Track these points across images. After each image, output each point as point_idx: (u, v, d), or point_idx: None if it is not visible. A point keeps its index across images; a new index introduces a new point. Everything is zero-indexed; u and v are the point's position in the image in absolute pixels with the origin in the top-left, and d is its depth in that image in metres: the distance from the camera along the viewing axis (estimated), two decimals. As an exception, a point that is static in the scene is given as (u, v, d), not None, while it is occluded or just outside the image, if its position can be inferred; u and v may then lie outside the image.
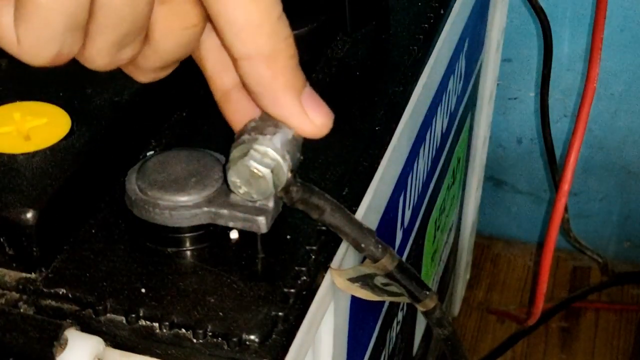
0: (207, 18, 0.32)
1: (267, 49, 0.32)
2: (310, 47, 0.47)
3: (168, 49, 0.33)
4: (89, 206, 0.37)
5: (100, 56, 0.33)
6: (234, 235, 0.36)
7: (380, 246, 0.35)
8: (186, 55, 0.34)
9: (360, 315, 0.46)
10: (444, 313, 0.38)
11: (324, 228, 0.36)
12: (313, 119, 0.33)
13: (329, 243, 0.37)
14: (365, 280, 0.37)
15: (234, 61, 0.32)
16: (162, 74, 0.35)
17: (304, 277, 0.35)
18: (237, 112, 0.35)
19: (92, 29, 0.31)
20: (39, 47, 0.31)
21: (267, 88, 0.32)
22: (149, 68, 0.34)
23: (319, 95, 0.33)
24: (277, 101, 0.33)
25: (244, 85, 0.33)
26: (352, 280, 0.37)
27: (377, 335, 0.52)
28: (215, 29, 0.32)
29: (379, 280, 0.37)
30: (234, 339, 0.32)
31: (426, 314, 0.38)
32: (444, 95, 0.61)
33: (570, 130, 0.81)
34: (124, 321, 0.33)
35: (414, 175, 0.55)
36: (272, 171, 0.33)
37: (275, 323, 0.33)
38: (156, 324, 0.33)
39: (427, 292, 0.37)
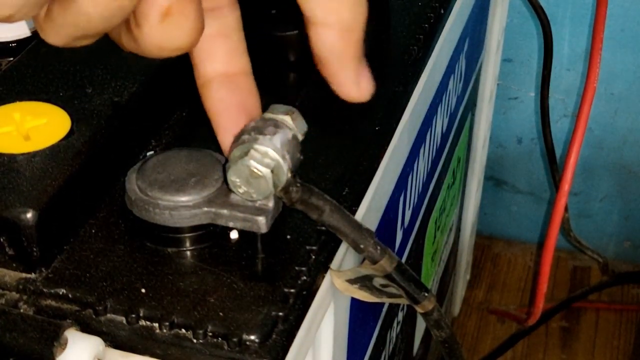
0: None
1: (347, 21, 0.32)
2: (310, 47, 0.47)
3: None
4: (89, 206, 0.37)
5: (54, 36, 0.33)
6: (234, 235, 0.36)
7: (379, 247, 0.35)
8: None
9: (360, 316, 0.46)
10: (442, 315, 0.38)
11: (324, 228, 0.36)
12: (363, 87, 0.34)
13: (329, 243, 0.37)
14: (363, 282, 0.37)
15: (309, 25, 0.33)
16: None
17: (304, 277, 0.35)
18: (216, 101, 0.35)
19: None
20: None
21: (337, 56, 0.33)
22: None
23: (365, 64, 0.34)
24: (340, 69, 0.33)
25: (312, 49, 0.34)
26: (351, 281, 0.37)
27: (377, 336, 0.52)
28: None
29: (378, 281, 0.37)
30: (234, 339, 0.32)
31: (424, 315, 0.38)
32: (444, 95, 0.61)
33: (571, 130, 0.81)
34: (124, 321, 0.33)
35: (414, 175, 0.55)
36: (272, 171, 0.33)
37: (275, 323, 0.33)
38: (156, 324, 0.33)
39: (426, 294, 0.37)
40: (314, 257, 0.36)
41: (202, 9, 0.32)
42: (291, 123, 0.34)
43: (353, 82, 0.34)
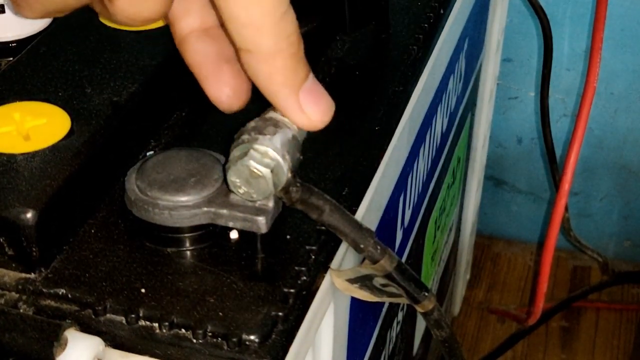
0: None
1: (266, 48, 0.32)
2: (309, 47, 0.47)
3: None
4: (89, 206, 0.37)
5: (28, 11, 0.33)
6: (234, 235, 0.36)
7: (379, 247, 0.35)
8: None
9: (360, 315, 0.46)
10: (442, 314, 0.38)
11: (324, 228, 0.36)
12: (310, 114, 0.33)
13: (329, 243, 0.37)
14: (364, 281, 0.37)
15: (236, 49, 0.33)
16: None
17: (304, 277, 0.35)
18: (194, 53, 0.35)
19: None
20: None
21: (264, 83, 0.33)
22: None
23: (321, 87, 0.34)
24: (273, 95, 0.33)
25: (245, 72, 0.34)
26: (351, 281, 0.37)
27: (377, 335, 0.52)
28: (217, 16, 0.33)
29: (378, 281, 0.37)
30: (234, 339, 0.32)
31: (424, 315, 0.38)
32: (444, 95, 0.61)
33: (571, 129, 0.81)
34: (124, 321, 0.33)
35: (414, 175, 0.55)
36: (271, 171, 0.33)
37: (275, 323, 0.33)
38: (156, 324, 0.33)
39: (426, 294, 0.37)
40: (314, 257, 0.36)
41: None
42: (289, 122, 0.34)
43: (295, 111, 0.33)
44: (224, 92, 0.35)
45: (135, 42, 0.42)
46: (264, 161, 0.33)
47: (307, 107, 0.33)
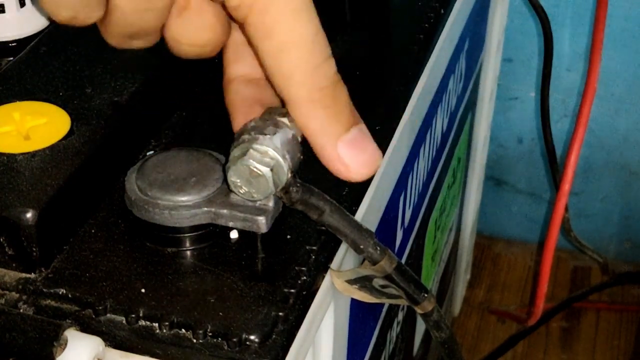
0: (217, 42, 0.33)
1: (299, 98, 0.32)
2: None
3: (181, 54, 0.34)
4: (89, 206, 0.37)
5: (113, 40, 0.35)
6: (234, 235, 0.36)
7: (379, 248, 0.35)
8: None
9: (361, 316, 0.46)
10: (441, 316, 0.38)
11: (324, 228, 0.36)
12: (349, 165, 0.33)
13: (329, 243, 0.37)
14: (363, 282, 0.37)
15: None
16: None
17: (304, 277, 0.35)
18: (234, 94, 0.36)
19: None
20: None
21: (304, 129, 0.33)
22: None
23: (369, 139, 0.34)
24: (313, 143, 0.34)
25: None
26: (351, 282, 0.37)
27: (377, 336, 0.52)
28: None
29: (377, 282, 0.37)
30: (234, 339, 0.32)
31: (424, 316, 0.38)
32: (444, 95, 0.61)
33: (571, 130, 0.81)
34: (124, 321, 0.33)
35: (414, 175, 0.55)
36: (272, 170, 0.33)
37: (275, 323, 0.33)
38: (156, 324, 0.33)
39: (425, 295, 0.37)
40: (314, 257, 0.36)
41: (222, 13, 0.33)
42: (289, 122, 0.34)
43: (332, 159, 0.34)
44: None
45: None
46: (264, 161, 0.33)
47: (347, 158, 0.33)
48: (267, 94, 0.36)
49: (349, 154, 0.33)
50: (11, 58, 0.43)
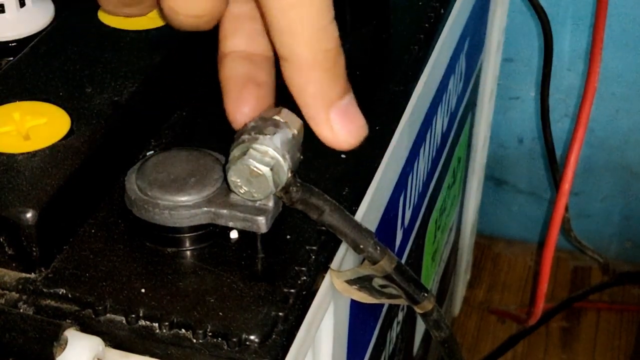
0: (215, 12, 0.33)
1: (302, 58, 0.32)
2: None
3: (176, 25, 0.34)
4: (89, 206, 0.37)
5: (105, 2, 0.35)
6: (234, 235, 0.36)
7: (378, 248, 0.35)
8: (201, 29, 0.35)
9: (360, 316, 0.46)
10: (441, 315, 0.38)
11: (324, 228, 0.36)
12: (337, 132, 0.33)
13: (329, 243, 0.37)
14: (363, 282, 0.37)
15: (277, 56, 0.33)
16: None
17: (304, 277, 0.35)
18: (227, 69, 0.36)
19: None
20: None
21: (297, 93, 0.33)
22: (172, 26, 0.35)
23: (357, 110, 0.34)
24: (305, 108, 0.33)
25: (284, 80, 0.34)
26: (350, 282, 0.37)
27: (377, 336, 0.52)
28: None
29: (377, 282, 0.37)
30: (234, 339, 0.32)
31: (424, 316, 0.38)
32: (444, 95, 0.61)
33: (571, 129, 0.81)
34: (124, 321, 0.33)
35: (414, 175, 0.55)
36: (272, 170, 0.33)
37: (275, 323, 0.33)
38: (156, 324, 0.33)
39: (425, 294, 0.37)
40: (314, 257, 0.36)
41: None
42: (284, 121, 0.34)
43: (323, 125, 0.33)
44: (242, 109, 0.36)
45: (135, 41, 0.42)
46: (264, 160, 0.33)
47: (336, 125, 0.33)
48: (261, 72, 0.36)
49: (340, 121, 0.33)
50: (11, 58, 0.43)
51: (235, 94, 0.36)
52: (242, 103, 0.36)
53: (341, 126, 0.33)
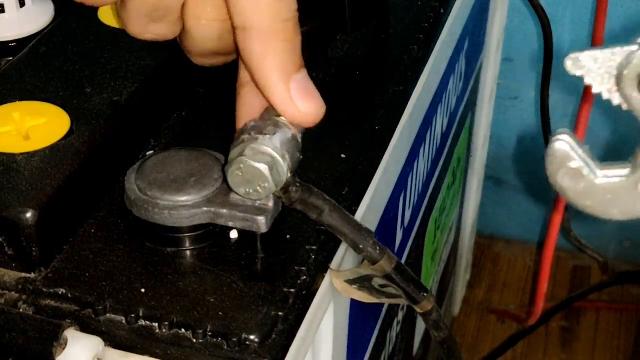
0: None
1: (262, 25, 0.32)
2: (310, 47, 0.47)
3: (200, 37, 0.34)
4: (89, 206, 0.37)
5: (131, 23, 0.36)
6: (234, 235, 0.36)
7: (378, 248, 0.35)
8: (224, 48, 0.35)
9: (360, 316, 0.46)
10: (441, 315, 0.38)
11: (324, 228, 0.36)
12: (299, 105, 0.33)
13: (329, 243, 0.37)
14: (362, 282, 0.37)
15: (233, 29, 0.33)
16: (210, 61, 0.37)
17: (304, 277, 0.35)
18: (243, 98, 0.36)
19: None
20: None
21: (257, 64, 0.33)
22: (193, 52, 0.37)
23: (314, 86, 0.34)
24: (264, 80, 0.33)
25: (240, 58, 0.34)
26: (350, 282, 0.37)
27: (377, 336, 0.52)
28: None
29: (377, 282, 0.37)
30: (234, 339, 0.32)
31: (423, 316, 0.38)
32: (444, 95, 0.61)
33: (571, 129, 0.81)
34: (124, 321, 0.33)
35: (414, 175, 0.55)
36: (271, 170, 0.33)
37: (275, 323, 0.33)
38: (156, 324, 0.33)
39: (425, 294, 0.37)
40: (314, 257, 0.36)
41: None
42: (284, 121, 0.34)
43: (284, 99, 0.33)
44: None
45: (135, 42, 0.42)
46: (263, 160, 0.33)
47: (297, 99, 0.33)
48: None
49: (299, 95, 0.33)
50: (11, 58, 0.43)
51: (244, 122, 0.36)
52: None
53: (302, 100, 0.33)
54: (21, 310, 0.34)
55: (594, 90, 0.26)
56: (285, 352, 0.33)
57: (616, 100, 0.26)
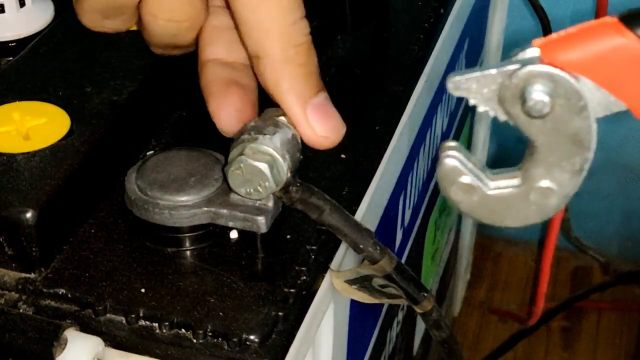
0: (196, 18, 0.33)
1: (274, 53, 0.32)
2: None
3: (156, 33, 0.34)
4: (89, 206, 0.37)
5: (85, 18, 0.37)
6: (234, 235, 0.36)
7: (378, 247, 0.35)
8: (181, 42, 0.35)
9: (360, 315, 0.46)
10: (441, 315, 0.38)
11: (324, 228, 0.36)
12: (316, 128, 0.33)
13: (329, 243, 0.37)
14: (362, 283, 0.37)
15: (249, 56, 0.33)
16: (171, 52, 0.38)
17: (304, 277, 0.35)
18: (208, 74, 0.36)
19: None
20: None
21: (272, 90, 0.33)
22: (151, 43, 0.37)
23: (333, 108, 0.34)
24: (281, 103, 0.33)
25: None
26: (350, 282, 0.37)
27: (377, 335, 0.52)
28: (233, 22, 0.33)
29: (377, 282, 0.37)
30: (234, 339, 0.32)
31: (423, 315, 0.38)
32: (444, 95, 0.61)
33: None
34: (124, 321, 0.33)
35: (414, 175, 0.55)
36: (271, 170, 0.33)
37: (275, 323, 0.33)
38: (156, 324, 0.33)
39: (425, 294, 0.37)
40: (314, 257, 0.36)
41: None
42: (284, 121, 0.34)
43: (302, 123, 0.33)
44: (227, 110, 0.36)
45: (135, 41, 0.42)
46: (263, 160, 0.33)
47: (314, 122, 0.33)
48: (243, 76, 0.36)
49: (317, 118, 0.33)
50: (11, 58, 0.43)
51: (219, 95, 0.36)
52: (227, 104, 0.36)
53: (319, 123, 0.33)
54: (21, 311, 0.34)
55: (480, 110, 0.26)
56: (285, 352, 0.33)
57: (502, 116, 0.26)
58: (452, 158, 0.28)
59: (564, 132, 0.26)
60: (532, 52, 0.25)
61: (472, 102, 0.27)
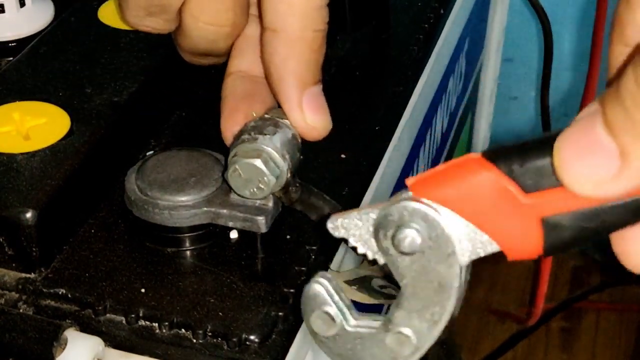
0: (237, 24, 0.34)
1: (292, 31, 0.32)
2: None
3: (194, 37, 0.34)
4: (89, 206, 0.37)
5: (129, 13, 0.37)
6: (233, 235, 0.36)
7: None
8: (216, 50, 0.35)
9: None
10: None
11: (324, 228, 0.36)
12: (307, 116, 0.33)
13: (329, 243, 0.37)
14: (362, 283, 0.37)
15: (262, 30, 0.33)
16: (201, 61, 0.38)
17: (304, 277, 0.35)
18: (228, 86, 0.37)
19: None
20: None
21: (276, 66, 0.33)
22: (185, 49, 0.37)
23: (326, 103, 0.34)
24: (281, 84, 0.33)
25: (261, 58, 0.34)
26: (349, 283, 0.37)
27: (378, 335, 0.52)
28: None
29: (376, 282, 0.37)
30: (234, 339, 0.32)
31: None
32: (444, 95, 0.61)
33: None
34: (124, 321, 0.33)
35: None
36: (266, 164, 0.33)
37: (275, 323, 0.33)
38: (156, 324, 0.33)
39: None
40: (313, 257, 0.36)
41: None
42: (284, 121, 0.34)
43: (295, 108, 0.33)
44: (233, 129, 0.36)
45: (135, 42, 0.42)
46: (255, 155, 0.33)
47: (307, 110, 0.33)
48: (261, 90, 0.36)
49: (310, 106, 0.33)
50: (11, 58, 0.43)
51: (229, 112, 0.36)
52: (235, 122, 0.36)
53: (311, 112, 0.33)
54: (21, 311, 0.34)
55: (359, 252, 0.26)
56: (285, 352, 0.33)
57: (381, 259, 0.26)
58: (320, 285, 0.27)
59: (429, 276, 0.26)
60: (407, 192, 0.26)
61: (351, 243, 0.27)
